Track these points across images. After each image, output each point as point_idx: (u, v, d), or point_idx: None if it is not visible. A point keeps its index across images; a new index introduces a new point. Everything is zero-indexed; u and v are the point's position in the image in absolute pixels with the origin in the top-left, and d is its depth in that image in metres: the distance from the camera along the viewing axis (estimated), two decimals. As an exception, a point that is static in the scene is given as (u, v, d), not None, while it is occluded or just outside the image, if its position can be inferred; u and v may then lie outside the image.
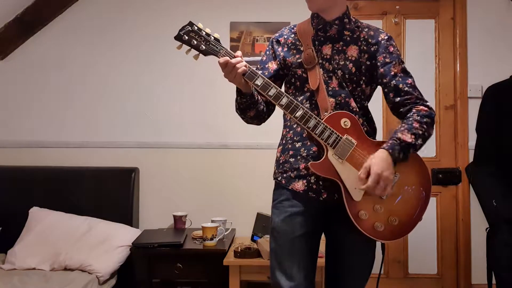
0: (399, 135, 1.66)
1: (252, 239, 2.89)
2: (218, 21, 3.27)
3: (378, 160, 1.61)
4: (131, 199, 3.15)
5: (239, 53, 1.69)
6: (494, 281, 2.85)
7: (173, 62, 3.28)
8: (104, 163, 3.26)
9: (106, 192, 3.15)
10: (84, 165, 3.24)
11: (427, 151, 3.29)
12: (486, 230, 2.92)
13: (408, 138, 1.65)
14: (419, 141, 1.67)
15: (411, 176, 1.72)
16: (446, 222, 3.29)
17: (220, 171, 3.30)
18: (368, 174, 1.60)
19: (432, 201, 3.30)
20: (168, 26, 3.33)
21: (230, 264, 2.66)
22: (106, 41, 3.35)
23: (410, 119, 1.70)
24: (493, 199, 2.83)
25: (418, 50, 3.33)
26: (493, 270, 2.85)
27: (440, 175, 3.27)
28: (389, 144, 1.65)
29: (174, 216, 3.03)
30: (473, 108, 3.22)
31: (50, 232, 2.88)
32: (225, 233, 2.92)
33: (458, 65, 3.29)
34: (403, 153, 1.64)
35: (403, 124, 1.70)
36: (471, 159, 3.19)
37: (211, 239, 2.74)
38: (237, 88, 1.74)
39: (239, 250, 2.68)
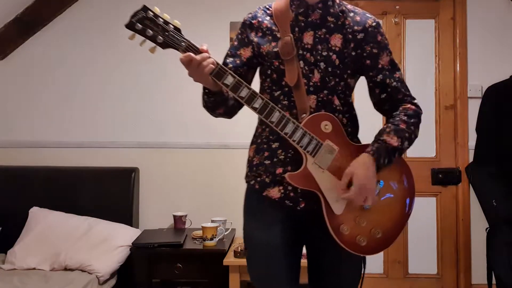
0: (385, 137, 1.52)
1: (252, 239, 2.89)
2: (218, 21, 3.27)
3: (362, 168, 1.47)
4: (131, 199, 3.15)
5: (205, 46, 1.47)
6: (494, 281, 2.85)
7: (173, 62, 3.27)
8: (104, 163, 3.25)
9: (106, 192, 3.14)
10: (84, 165, 3.24)
11: (427, 151, 3.30)
12: (486, 230, 2.92)
13: (394, 141, 1.51)
14: (406, 145, 1.54)
15: (395, 183, 1.58)
16: (446, 222, 3.29)
17: (220, 171, 3.29)
18: (350, 182, 1.46)
19: (432, 201, 3.30)
20: (168, 26, 3.35)
21: (230, 264, 2.66)
22: (106, 41, 3.35)
23: (397, 119, 1.55)
24: (493, 199, 2.84)
25: (418, 50, 3.32)
26: (493, 270, 2.85)
27: (440, 175, 3.27)
28: (374, 149, 1.50)
29: (174, 216, 3.03)
30: (473, 108, 3.22)
31: (50, 232, 2.87)
32: (225, 233, 2.92)
33: (458, 65, 3.29)
34: (388, 158, 1.50)
35: (389, 125, 1.55)
36: (471, 159, 3.19)
37: (211, 239, 2.74)
38: (203, 86, 1.55)
39: (239, 250, 2.68)
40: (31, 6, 3.22)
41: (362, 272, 1.66)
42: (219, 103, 1.58)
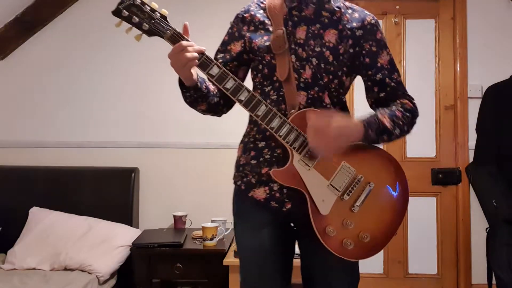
0: (379, 115, 1.48)
1: (252, 239, 2.89)
2: (217, 21, 3.26)
3: (344, 121, 1.40)
4: (131, 199, 3.15)
5: (187, 23, 1.46)
6: (494, 281, 2.85)
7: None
8: (104, 163, 3.25)
9: (106, 192, 3.14)
10: (84, 165, 3.24)
11: (427, 151, 3.30)
12: (486, 230, 2.92)
13: (387, 122, 1.47)
14: (396, 131, 1.49)
15: (386, 185, 1.51)
16: (446, 222, 3.29)
17: (220, 171, 3.29)
18: (324, 123, 1.37)
19: (432, 201, 3.30)
20: (168, 26, 3.35)
21: (230, 264, 2.65)
22: (105, 41, 3.35)
23: (393, 108, 1.52)
24: (493, 199, 2.83)
25: (418, 50, 3.33)
26: (493, 270, 2.85)
27: (440, 175, 3.27)
28: (366, 119, 1.45)
29: (174, 216, 3.03)
30: (473, 108, 3.22)
31: (50, 232, 2.87)
32: (225, 233, 2.92)
33: (458, 65, 3.29)
34: (375, 134, 1.45)
35: (385, 109, 1.51)
36: (471, 159, 3.19)
37: (211, 239, 2.74)
38: (179, 79, 1.51)
39: (239, 250, 2.68)
40: (31, 6, 3.22)
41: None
42: (197, 99, 1.54)
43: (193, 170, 3.30)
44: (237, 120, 1.92)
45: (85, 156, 3.29)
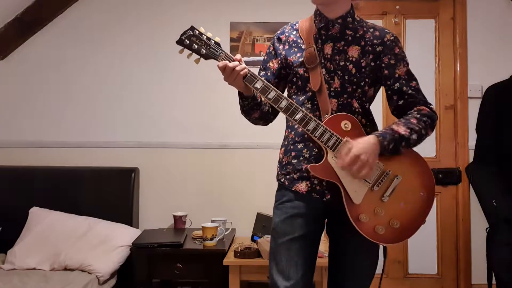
0: (394, 126, 1.67)
1: (252, 239, 2.89)
2: (218, 21, 3.27)
3: (362, 142, 1.61)
4: (131, 199, 3.16)
5: (238, 56, 1.70)
6: (494, 281, 2.85)
7: (173, 62, 3.28)
8: (104, 163, 3.26)
9: (106, 192, 3.15)
10: (84, 165, 3.24)
11: (427, 151, 3.29)
12: (486, 230, 2.92)
13: (402, 130, 1.65)
14: (414, 136, 1.66)
15: (413, 178, 1.71)
16: (446, 222, 3.29)
17: (220, 171, 3.30)
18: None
19: (432, 201, 3.30)
20: (168, 26, 3.36)
21: (230, 264, 2.66)
22: (105, 41, 3.35)
23: (409, 115, 1.71)
24: (493, 199, 2.83)
25: (418, 50, 3.32)
26: (493, 270, 2.85)
27: (440, 175, 3.27)
28: (380, 132, 1.65)
29: (174, 216, 3.03)
30: (473, 108, 3.23)
31: (50, 232, 2.88)
32: (225, 233, 2.92)
33: (458, 65, 3.30)
34: (393, 144, 1.63)
35: (401, 119, 1.71)
36: (471, 159, 3.19)
37: (211, 239, 2.74)
38: (238, 91, 1.76)
39: (239, 250, 2.68)
40: (31, 6, 3.22)
41: (382, 270, 1.88)
42: (253, 107, 1.79)
43: (193, 170, 3.30)
44: (236, 121, 1.92)
45: (85, 156, 3.29)
